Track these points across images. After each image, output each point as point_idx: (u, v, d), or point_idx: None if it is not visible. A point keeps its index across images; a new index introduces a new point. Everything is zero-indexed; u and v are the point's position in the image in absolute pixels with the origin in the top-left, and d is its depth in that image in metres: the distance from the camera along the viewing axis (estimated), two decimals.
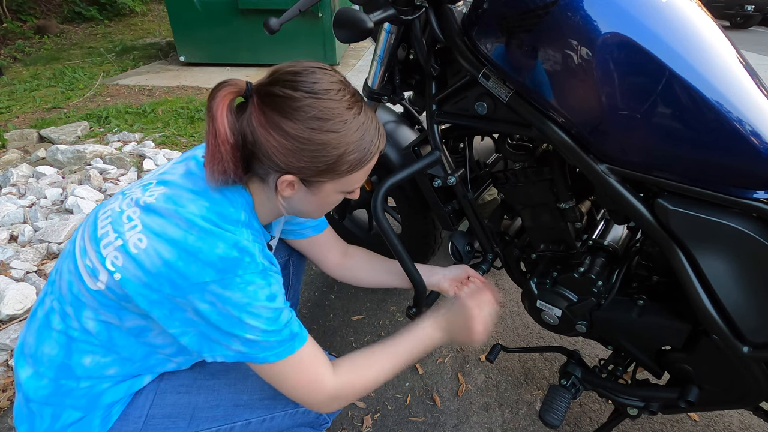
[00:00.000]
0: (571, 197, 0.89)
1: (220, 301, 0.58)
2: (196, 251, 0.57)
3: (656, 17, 0.66)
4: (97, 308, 0.62)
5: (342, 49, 4.84)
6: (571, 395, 0.95)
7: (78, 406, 0.66)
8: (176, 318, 0.60)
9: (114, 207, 0.62)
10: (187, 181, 0.63)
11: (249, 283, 0.59)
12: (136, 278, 0.57)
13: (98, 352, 0.65)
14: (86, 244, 0.62)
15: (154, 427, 0.71)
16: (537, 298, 0.94)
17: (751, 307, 0.70)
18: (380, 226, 0.91)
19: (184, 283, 0.57)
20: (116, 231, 0.59)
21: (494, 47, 0.76)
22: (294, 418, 0.79)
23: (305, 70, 0.60)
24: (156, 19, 6.87)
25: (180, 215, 0.58)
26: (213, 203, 0.61)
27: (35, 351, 0.65)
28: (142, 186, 0.64)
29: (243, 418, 0.75)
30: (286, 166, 0.60)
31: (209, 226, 0.58)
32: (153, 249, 0.57)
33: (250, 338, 0.61)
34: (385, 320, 1.52)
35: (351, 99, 0.62)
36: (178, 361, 0.73)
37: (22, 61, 4.74)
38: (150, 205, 0.60)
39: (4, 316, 1.41)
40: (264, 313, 0.61)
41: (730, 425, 1.18)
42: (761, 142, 0.63)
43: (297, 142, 0.59)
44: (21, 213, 1.90)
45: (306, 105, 0.58)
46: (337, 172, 0.63)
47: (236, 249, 0.59)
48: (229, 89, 0.58)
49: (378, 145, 0.66)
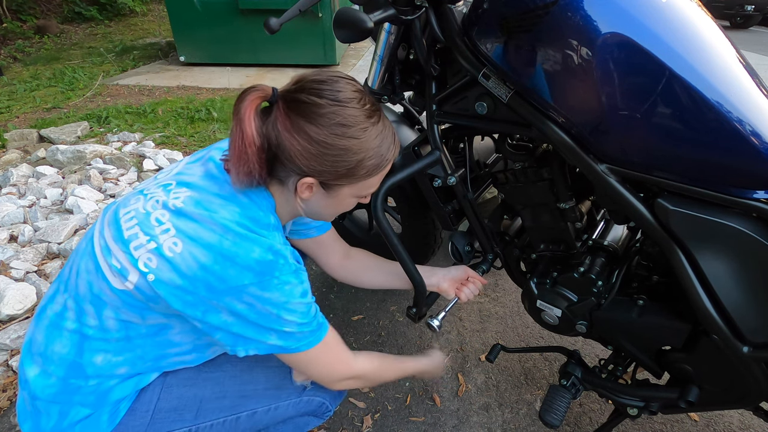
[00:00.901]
0: (571, 197, 0.89)
1: (260, 302, 0.62)
2: (233, 255, 0.59)
3: (656, 17, 0.66)
4: (119, 307, 0.63)
5: (342, 49, 4.84)
6: (571, 395, 0.95)
7: (86, 403, 0.67)
8: (210, 318, 0.62)
9: (137, 208, 0.64)
10: (212, 185, 0.65)
11: (286, 283, 0.63)
12: (171, 281, 0.59)
13: (111, 350, 0.66)
14: (110, 244, 0.63)
15: (162, 420, 0.72)
16: (537, 298, 0.94)
17: (751, 307, 0.70)
18: (380, 226, 0.91)
19: (221, 286, 0.59)
20: (147, 233, 0.61)
21: (494, 47, 0.76)
22: (298, 407, 0.82)
23: (330, 79, 0.63)
24: (156, 19, 6.87)
25: (214, 220, 0.61)
26: (243, 208, 0.64)
27: (45, 349, 0.66)
28: (162, 186, 0.66)
29: (249, 408, 0.78)
30: (308, 169, 0.63)
31: (244, 231, 0.61)
32: (189, 253, 0.59)
33: (287, 331, 0.65)
34: (385, 320, 1.52)
35: (371, 108, 0.65)
36: (189, 359, 0.75)
37: (22, 61, 4.74)
38: (180, 210, 0.62)
39: (4, 316, 1.41)
40: (299, 308, 0.65)
41: (730, 425, 1.18)
42: (761, 142, 0.63)
43: (320, 147, 0.61)
44: (21, 213, 1.90)
45: (331, 112, 0.61)
46: (355, 176, 0.66)
47: (271, 252, 0.62)
48: (257, 94, 0.61)
49: (394, 153, 0.70)
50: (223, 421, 0.76)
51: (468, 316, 1.55)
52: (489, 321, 1.52)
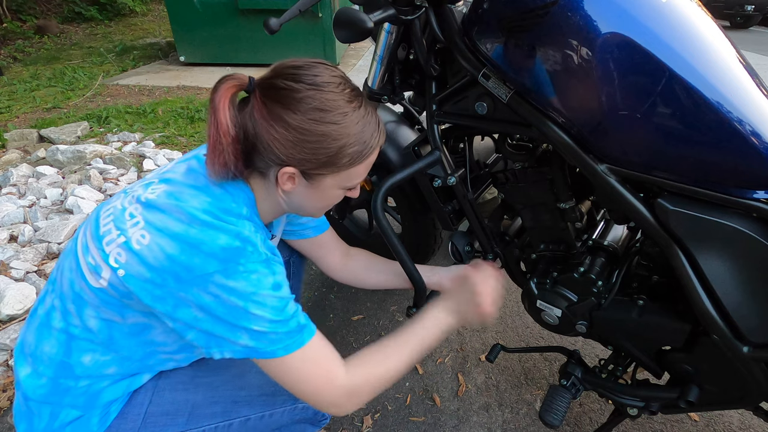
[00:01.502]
0: (571, 197, 0.89)
1: (225, 292, 0.58)
2: (199, 243, 0.57)
3: (656, 17, 0.66)
4: (98, 306, 0.62)
5: (342, 49, 4.84)
6: (571, 395, 0.95)
7: (76, 405, 0.66)
8: (180, 314, 0.60)
9: (116, 205, 0.63)
10: (189, 178, 0.64)
11: (252, 271, 0.60)
12: (140, 274, 0.58)
13: (98, 350, 0.65)
14: (88, 242, 0.62)
15: (153, 424, 0.71)
16: (537, 298, 0.94)
17: (751, 307, 0.70)
18: (380, 226, 0.91)
19: (187, 275, 0.57)
20: (118, 228, 0.60)
21: (494, 47, 0.76)
22: (293, 414, 0.79)
23: (306, 64, 0.62)
24: (156, 19, 6.87)
25: (181, 209, 0.59)
26: (215, 198, 0.62)
27: (35, 349, 0.66)
28: (145, 184, 0.65)
29: (242, 415, 0.75)
30: (287, 157, 0.61)
31: (211, 219, 0.59)
32: (156, 244, 0.57)
33: (258, 330, 0.60)
34: (385, 320, 1.52)
35: (351, 93, 0.63)
36: (178, 358, 0.73)
37: (22, 61, 4.74)
38: (151, 201, 0.60)
39: (4, 316, 1.41)
40: (269, 301, 0.61)
41: (730, 425, 1.18)
42: (761, 142, 0.63)
43: (298, 133, 0.60)
44: (21, 213, 1.90)
45: (307, 96, 0.59)
46: (338, 165, 0.64)
47: (238, 239, 0.59)
48: (232, 83, 0.59)
49: (378, 140, 0.67)
50: (215, 427, 0.74)
51: None
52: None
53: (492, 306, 0.81)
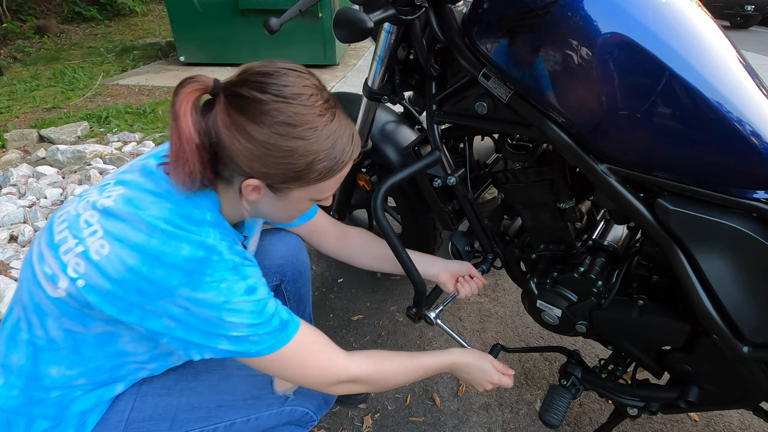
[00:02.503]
0: (571, 197, 0.89)
1: (194, 304, 0.56)
2: (161, 255, 0.54)
3: (656, 17, 0.66)
4: (59, 316, 0.59)
5: (342, 49, 4.84)
6: (571, 395, 0.95)
7: (46, 416, 0.65)
8: (150, 324, 0.58)
9: (70, 210, 0.60)
10: (148, 182, 0.60)
11: (221, 280, 0.57)
12: (100, 286, 0.55)
13: (63, 362, 0.63)
14: (43, 251, 0.59)
15: (136, 429, 0.70)
16: (537, 298, 0.94)
17: (751, 307, 0.70)
18: (380, 226, 0.91)
19: (151, 288, 0.55)
20: (75, 236, 0.56)
21: (494, 47, 0.76)
22: (279, 417, 0.78)
23: (276, 72, 0.57)
24: (156, 19, 6.86)
25: (141, 219, 0.56)
26: (176, 205, 0.58)
27: (4, 360, 0.64)
28: (100, 187, 0.61)
29: (227, 419, 0.74)
30: (251, 170, 0.58)
31: (172, 228, 0.56)
32: (116, 255, 0.54)
33: (237, 335, 0.59)
34: (385, 320, 1.52)
35: (323, 105, 0.59)
36: (151, 368, 0.71)
37: (22, 61, 4.73)
38: (109, 209, 0.57)
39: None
40: (245, 307, 0.59)
41: (730, 425, 1.18)
42: (761, 142, 0.63)
43: (263, 148, 0.56)
44: (21, 213, 1.90)
45: (273, 109, 0.55)
46: (306, 180, 0.60)
47: (202, 249, 0.56)
48: (194, 86, 0.56)
49: (351, 154, 0.63)
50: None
51: (468, 316, 1.55)
52: (489, 321, 1.52)
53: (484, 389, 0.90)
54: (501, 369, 0.91)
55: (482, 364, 0.88)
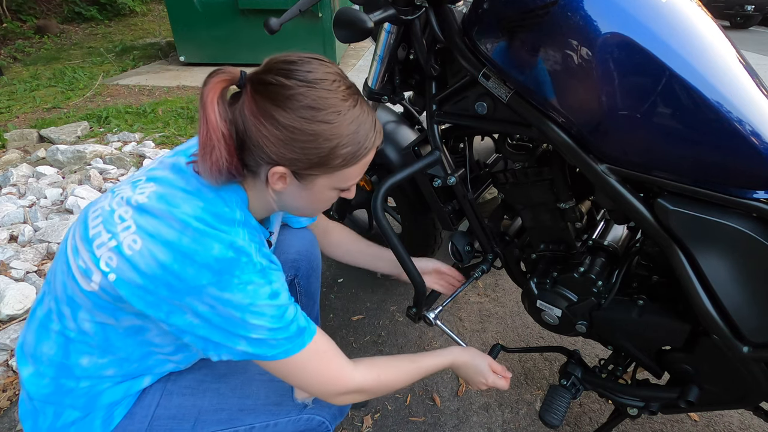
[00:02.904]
0: (571, 197, 0.89)
1: (220, 304, 0.57)
2: (192, 253, 0.55)
3: (656, 17, 0.66)
4: (91, 309, 0.61)
5: (342, 49, 4.84)
6: (571, 395, 0.95)
7: (77, 406, 0.66)
8: (174, 320, 0.59)
9: (104, 206, 0.61)
10: (179, 179, 0.61)
11: (248, 282, 0.58)
12: (131, 280, 0.56)
13: (95, 353, 0.64)
14: (78, 244, 0.60)
15: (159, 427, 0.71)
16: (537, 298, 0.94)
17: (751, 307, 0.70)
18: (380, 226, 0.91)
19: (180, 285, 0.56)
20: (109, 231, 0.58)
21: (494, 47, 0.76)
22: (297, 425, 0.78)
23: (300, 60, 0.59)
24: (156, 19, 6.87)
25: (174, 216, 0.57)
26: (207, 203, 0.59)
27: (34, 350, 0.65)
28: (132, 183, 0.63)
29: (247, 423, 0.75)
30: (277, 157, 0.59)
31: (203, 227, 0.57)
32: (148, 251, 0.55)
33: (256, 337, 0.60)
34: (385, 320, 1.52)
35: (346, 90, 0.61)
36: (177, 359, 0.73)
37: (22, 61, 4.74)
38: (143, 205, 0.58)
39: (4, 316, 1.41)
40: (268, 311, 0.60)
41: (730, 425, 1.18)
42: (761, 142, 0.63)
43: (288, 132, 0.57)
44: (21, 213, 1.90)
45: (299, 93, 0.57)
46: (330, 165, 0.61)
47: (232, 249, 0.57)
48: (222, 77, 0.57)
49: (374, 140, 0.64)
50: None
51: (468, 316, 1.55)
52: (489, 321, 1.52)
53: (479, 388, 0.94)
54: (498, 370, 0.91)
55: (479, 365, 0.89)
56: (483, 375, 0.89)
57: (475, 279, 1.09)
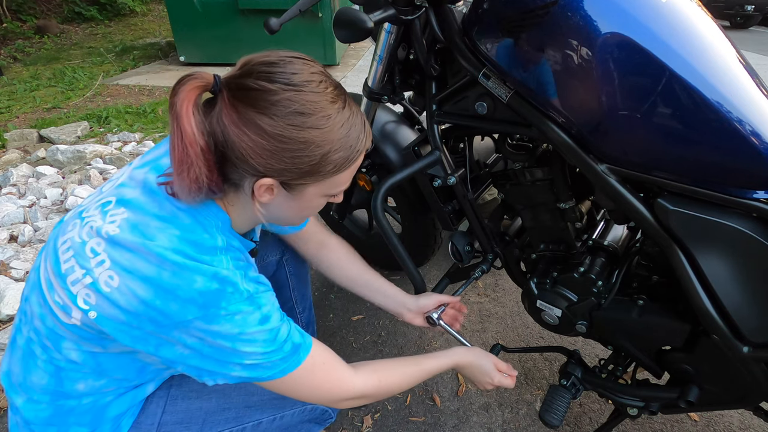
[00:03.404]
0: (571, 197, 0.89)
1: (209, 336, 0.55)
2: (174, 288, 0.52)
3: (656, 17, 0.66)
4: (77, 340, 0.58)
5: (342, 49, 4.84)
6: (571, 395, 0.95)
7: (83, 423, 0.64)
8: (164, 352, 0.56)
9: (74, 236, 0.56)
10: (152, 203, 0.56)
11: (235, 313, 0.56)
12: (113, 317, 0.53)
13: (89, 377, 0.62)
14: (51, 279, 0.57)
15: None
16: (537, 298, 0.94)
17: (751, 307, 0.70)
18: (380, 226, 0.91)
19: (165, 320, 0.53)
20: (83, 267, 0.54)
21: (494, 47, 0.76)
22: (302, 415, 0.80)
23: (281, 60, 0.54)
24: (156, 19, 6.86)
25: (149, 249, 0.52)
26: (184, 230, 0.55)
27: (23, 380, 0.62)
28: (101, 206, 0.57)
29: (254, 419, 0.75)
30: (264, 168, 0.54)
31: (183, 259, 0.53)
32: (126, 287, 0.52)
33: (250, 363, 0.59)
34: (385, 320, 1.52)
35: (334, 91, 0.57)
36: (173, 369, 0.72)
37: (22, 61, 4.74)
38: (114, 237, 0.54)
39: (4, 316, 1.41)
40: (259, 336, 0.58)
41: (730, 425, 1.18)
42: (761, 142, 0.63)
43: (276, 141, 0.53)
44: (21, 213, 1.90)
45: (285, 98, 0.52)
46: (321, 173, 0.57)
47: (216, 281, 0.54)
48: (195, 83, 0.51)
49: (365, 143, 0.61)
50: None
51: (468, 316, 1.55)
52: (489, 321, 1.52)
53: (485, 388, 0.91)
54: (504, 369, 0.91)
55: (484, 365, 0.88)
56: (489, 374, 0.88)
57: (475, 279, 1.09)
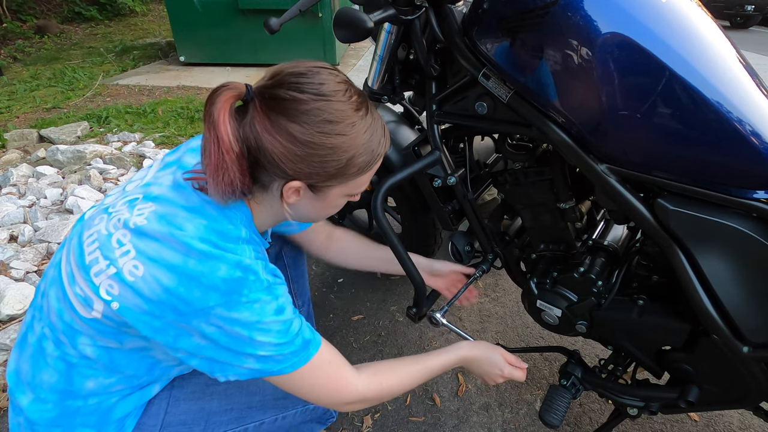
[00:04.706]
0: (571, 197, 0.89)
1: (228, 323, 0.57)
2: (198, 275, 0.54)
3: (656, 17, 0.66)
4: (93, 335, 0.59)
5: (342, 49, 4.84)
6: (571, 395, 0.95)
7: (88, 424, 0.65)
8: (182, 343, 0.58)
9: (100, 229, 0.59)
10: (179, 196, 0.59)
11: (255, 301, 0.58)
12: (136, 306, 0.55)
13: (100, 374, 0.63)
14: (74, 271, 0.58)
15: None
16: (537, 298, 0.94)
17: (751, 307, 0.70)
18: (380, 226, 0.91)
19: (187, 308, 0.55)
20: (107, 257, 0.56)
21: (494, 47, 0.76)
22: (304, 415, 0.80)
23: (309, 71, 0.58)
24: (156, 19, 6.86)
25: (176, 238, 0.55)
26: (210, 220, 0.58)
27: (32, 379, 0.63)
28: (128, 202, 0.60)
29: (256, 419, 0.76)
30: (294, 172, 0.58)
31: (208, 248, 0.55)
32: (151, 276, 0.54)
33: (263, 354, 0.60)
34: (385, 320, 1.52)
35: (358, 100, 0.61)
36: (182, 368, 0.73)
37: (22, 61, 4.73)
38: (141, 228, 0.56)
39: (4, 316, 1.41)
40: (274, 327, 0.60)
41: (730, 425, 1.18)
42: (761, 142, 0.63)
43: (307, 147, 0.56)
44: (21, 213, 1.90)
45: (315, 108, 0.56)
46: (346, 175, 0.61)
47: (239, 269, 0.56)
48: (230, 93, 0.55)
49: (385, 146, 0.65)
50: None
51: (468, 316, 1.55)
52: (489, 321, 1.52)
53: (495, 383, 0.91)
54: (513, 361, 0.90)
55: (492, 357, 0.88)
56: (498, 366, 0.88)
57: (475, 279, 1.09)
